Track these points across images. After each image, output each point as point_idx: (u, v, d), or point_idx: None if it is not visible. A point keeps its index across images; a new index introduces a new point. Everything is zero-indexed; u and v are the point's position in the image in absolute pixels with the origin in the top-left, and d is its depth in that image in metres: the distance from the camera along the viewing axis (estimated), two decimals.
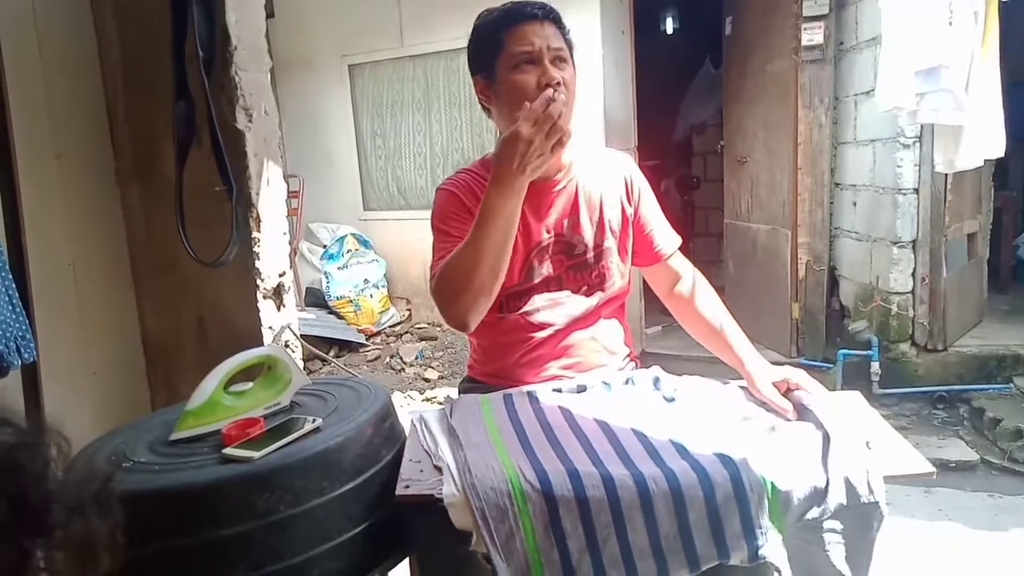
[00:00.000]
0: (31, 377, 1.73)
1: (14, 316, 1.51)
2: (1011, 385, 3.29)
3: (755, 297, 4.25)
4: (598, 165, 1.47)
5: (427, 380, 4.14)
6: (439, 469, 1.10)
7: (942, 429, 3.17)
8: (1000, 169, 4.03)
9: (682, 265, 1.52)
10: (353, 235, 4.99)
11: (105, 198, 2.15)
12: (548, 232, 1.41)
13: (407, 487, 1.08)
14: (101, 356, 2.15)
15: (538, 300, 1.41)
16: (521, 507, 1.00)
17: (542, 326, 1.41)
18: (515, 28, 1.30)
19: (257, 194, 1.97)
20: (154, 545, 1.04)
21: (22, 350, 1.53)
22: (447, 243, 1.31)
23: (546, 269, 1.41)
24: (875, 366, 3.44)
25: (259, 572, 1.05)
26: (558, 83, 1.27)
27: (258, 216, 1.97)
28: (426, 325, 4.93)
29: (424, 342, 4.64)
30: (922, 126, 3.20)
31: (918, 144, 3.33)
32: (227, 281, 1.99)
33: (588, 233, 1.43)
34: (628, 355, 1.52)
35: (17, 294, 1.54)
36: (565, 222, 1.42)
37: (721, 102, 4.77)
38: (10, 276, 1.53)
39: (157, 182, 2.04)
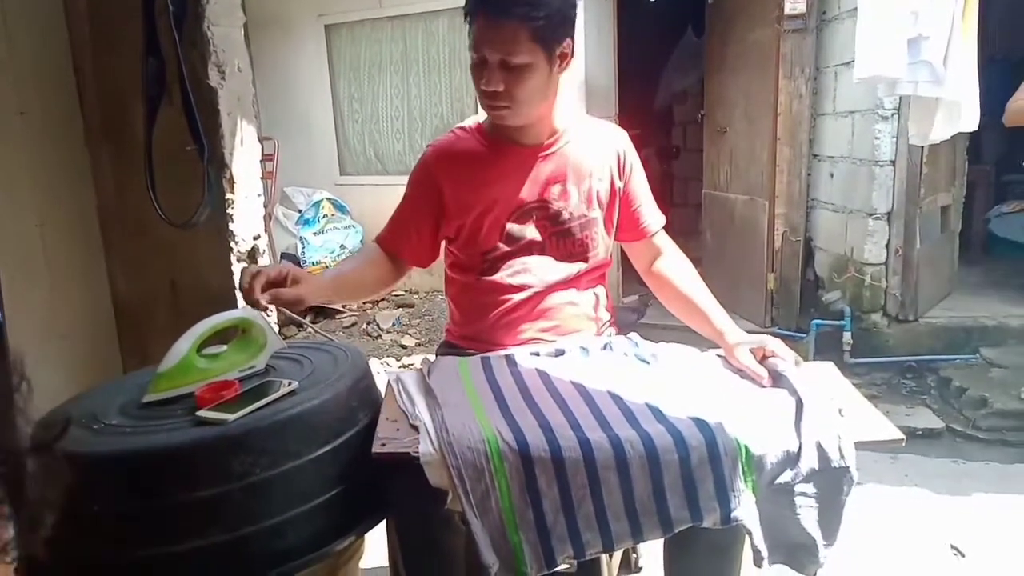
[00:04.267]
0: None
1: None
2: (977, 355, 3.36)
3: (732, 267, 4.28)
4: (592, 135, 1.46)
5: (404, 347, 4.13)
6: (416, 428, 1.10)
7: (910, 398, 3.23)
8: (974, 143, 4.07)
9: (664, 243, 1.53)
10: (329, 200, 4.92)
11: (74, 158, 2.09)
12: (532, 195, 1.40)
13: (383, 445, 1.08)
14: (71, 319, 2.11)
15: (518, 263, 1.41)
16: (497, 466, 1.01)
17: (520, 288, 1.40)
18: (479, 23, 1.25)
19: (230, 154, 1.93)
20: (128, 507, 1.03)
21: None
22: (400, 205, 1.47)
23: (530, 233, 1.40)
24: (847, 336, 3.49)
25: (234, 534, 1.05)
26: (494, 92, 1.27)
27: (231, 177, 1.93)
28: (403, 292, 4.91)
29: (401, 309, 4.63)
30: (900, 98, 3.21)
31: (896, 116, 3.33)
32: (200, 243, 1.96)
33: (575, 201, 1.42)
34: (608, 322, 1.53)
35: None
36: (553, 188, 1.41)
37: (703, 71, 4.74)
38: None
39: (127, 141, 1.99)
